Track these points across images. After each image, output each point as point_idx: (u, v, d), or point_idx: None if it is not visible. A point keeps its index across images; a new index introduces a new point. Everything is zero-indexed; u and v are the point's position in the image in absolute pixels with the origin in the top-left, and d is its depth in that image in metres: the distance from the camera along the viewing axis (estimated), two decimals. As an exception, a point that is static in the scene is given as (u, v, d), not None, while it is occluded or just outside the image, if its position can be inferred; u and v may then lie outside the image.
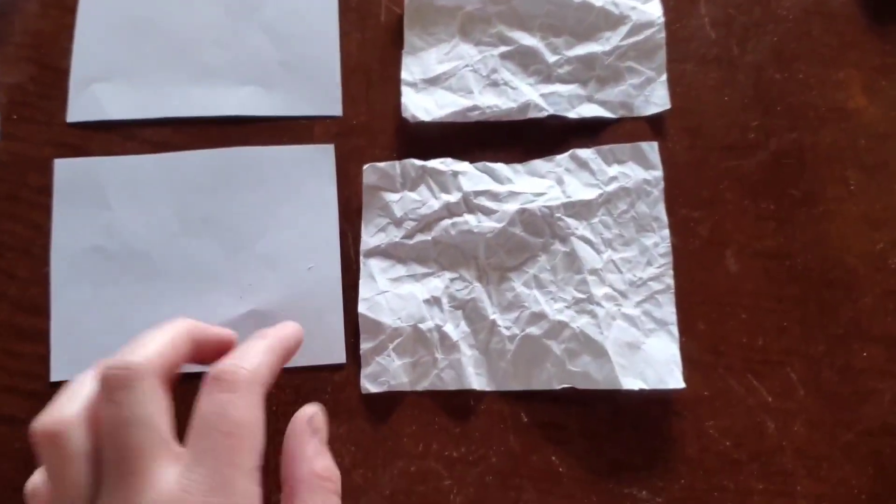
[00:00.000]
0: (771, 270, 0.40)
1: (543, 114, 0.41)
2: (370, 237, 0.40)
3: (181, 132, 0.42)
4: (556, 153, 0.41)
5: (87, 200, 0.41)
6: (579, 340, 0.38)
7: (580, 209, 0.40)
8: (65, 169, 0.41)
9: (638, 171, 0.40)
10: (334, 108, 0.42)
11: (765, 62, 0.43)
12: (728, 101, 0.43)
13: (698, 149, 0.42)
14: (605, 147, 0.41)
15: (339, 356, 0.39)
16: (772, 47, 0.43)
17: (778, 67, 0.43)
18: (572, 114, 0.42)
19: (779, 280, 0.40)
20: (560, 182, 0.40)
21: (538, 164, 0.41)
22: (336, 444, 0.38)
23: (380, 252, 0.40)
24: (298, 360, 0.39)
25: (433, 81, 0.42)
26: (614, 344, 0.37)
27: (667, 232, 0.40)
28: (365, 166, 0.40)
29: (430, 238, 0.40)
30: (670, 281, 0.39)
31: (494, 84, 0.42)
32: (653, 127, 0.42)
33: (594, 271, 0.39)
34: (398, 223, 0.40)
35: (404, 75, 0.42)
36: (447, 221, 0.40)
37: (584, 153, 0.41)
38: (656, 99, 0.42)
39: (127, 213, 0.41)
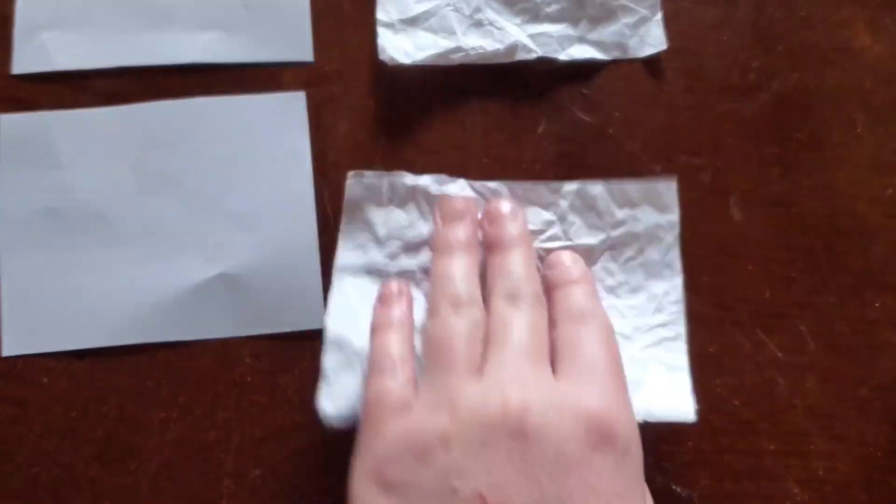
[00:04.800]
0: (777, 218, 0.38)
1: (532, 56, 0.38)
2: (348, 251, 0.35)
3: (137, 82, 0.39)
4: (545, 99, 0.38)
5: (36, 159, 0.37)
6: None
7: (581, 254, 0.35)
8: (10, 125, 0.38)
9: (650, 215, 0.35)
10: (304, 52, 0.39)
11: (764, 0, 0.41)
12: (727, 41, 0.40)
13: (697, 91, 0.39)
14: (617, 184, 0.35)
15: (317, 321, 0.36)
16: (772, -18, 0.41)
17: (778, 5, 0.41)
18: (563, 55, 0.39)
19: (786, 229, 0.38)
20: (563, 220, 0.36)
21: (541, 190, 0.36)
22: (315, 416, 0.35)
23: (357, 269, 0.35)
24: (273, 327, 0.36)
25: (412, 22, 0.39)
26: None
27: (679, 280, 0.35)
28: (350, 174, 0.35)
29: (414, 262, 0.35)
30: (681, 329, 0.34)
31: (478, 24, 0.39)
32: (649, 69, 0.39)
33: None
34: (381, 242, 0.35)
35: (380, 15, 0.39)
36: None
37: (594, 189, 0.35)
38: (652, 39, 0.39)
39: (80, 171, 0.37)
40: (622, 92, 0.39)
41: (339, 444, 0.31)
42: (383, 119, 0.39)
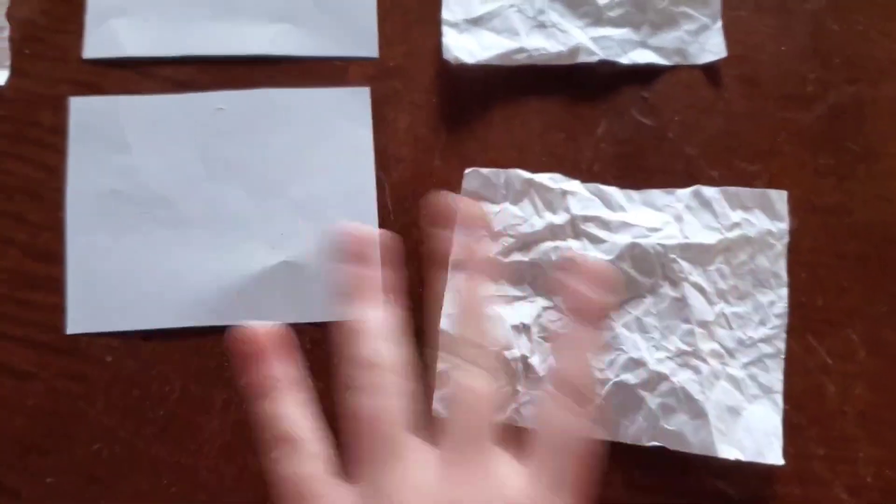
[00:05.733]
0: (831, 227, 0.38)
1: (594, 58, 0.39)
2: (462, 248, 0.35)
3: (204, 72, 0.39)
4: (605, 101, 0.39)
5: (105, 141, 0.38)
6: (678, 397, 0.34)
7: (697, 253, 0.36)
8: (81, 108, 0.38)
9: (763, 220, 0.37)
10: (370, 48, 0.40)
11: (823, 11, 0.41)
12: (785, 52, 0.41)
13: (755, 99, 0.40)
14: (732, 189, 0.37)
15: (376, 310, 0.36)
16: (830, -4, 0.41)
17: (836, 17, 0.41)
18: (624, 59, 0.39)
19: (839, 237, 0.38)
20: (678, 219, 0.36)
21: (656, 194, 0.37)
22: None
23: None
24: (332, 315, 0.36)
25: (476, 22, 0.39)
26: (715, 406, 0.34)
27: (785, 291, 0.36)
28: (467, 171, 0.36)
29: (527, 259, 0.36)
30: (782, 345, 0.35)
31: (542, 25, 0.39)
32: (708, 75, 0.40)
33: (703, 323, 0.35)
34: (494, 237, 0.36)
35: (445, 14, 0.39)
36: (549, 244, 0.36)
37: (709, 192, 0.37)
38: (712, 46, 0.40)
39: (147, 155, 0.38)
40: (681, 97, 0.39)
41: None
42: (444, 116, 0.39)
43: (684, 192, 0.37)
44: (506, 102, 0.39)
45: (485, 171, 0.36)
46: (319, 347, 0.36)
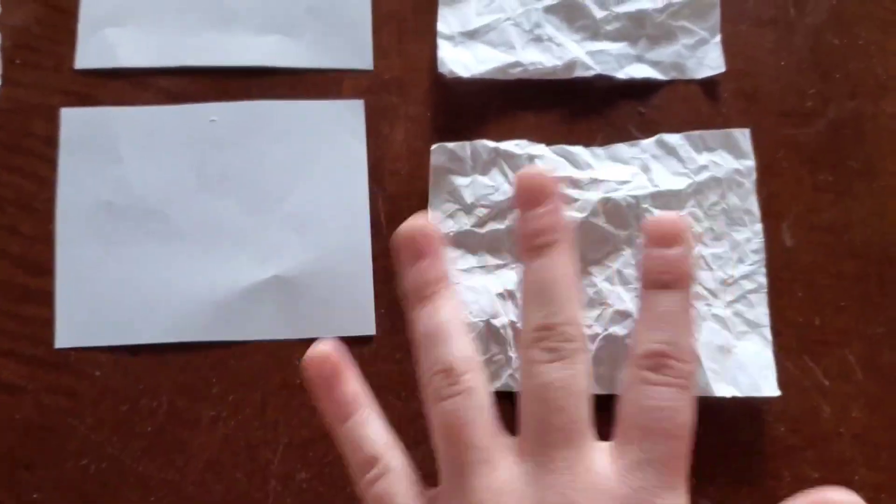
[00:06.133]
0: (829, 245, 0.38)
1: (590, 73, 0.39)
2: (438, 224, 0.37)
3: (198, 82, 0.39)
4: (601, 115, 0.39)
5: (97, 153, 0.38)
6: None
7: (669, 200, 0.36)
8: (73, 119, 0.38)
9: (728, 160, 0.37)
10: (365, 60, 0.39)
11: (823, 26, 0.41)
12: (784, 66, 0.40)
13: (753, 114, 0.39)
14: (695, 133, 0.37)
15: (368, 327, 0.36)
16: (830, 10, 0.41)
17: (837, 32, 0.41)
18: (621, 74, 0.39)
19: (837, 255, 0.38)
20: (646, 169, 0.37)
21: (621, 148, 0.38)
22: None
23: (448, 240, 0.37)
24: (324, 331, 0.36)
25: (472, 35, 0.39)
26: (705, 348, 0.35)
27: (759, 226, 0.37)
28: (433, 146, 0.37)
29: (503, 227, 0.37)
30: (763, 279, 0.36)
31: (538, 39, 0.39)
32: (706, 90, 0.39)
33: None
34: (468, 210, 0.37)
35: (441, 27, 0.39)
36: None
37: (672, 139, 0.37)
38: (710, 61, 0.39)
39: (139, 167, 0.38)
40: (679, 112, 0.39)
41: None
42: (439, 129, 0.39)
43: (649, 143, 0.38)
44: (501, 116, 0.39)
45: (450, 144, 0.37)
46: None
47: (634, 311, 0.35)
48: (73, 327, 0.36)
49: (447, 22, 0.39)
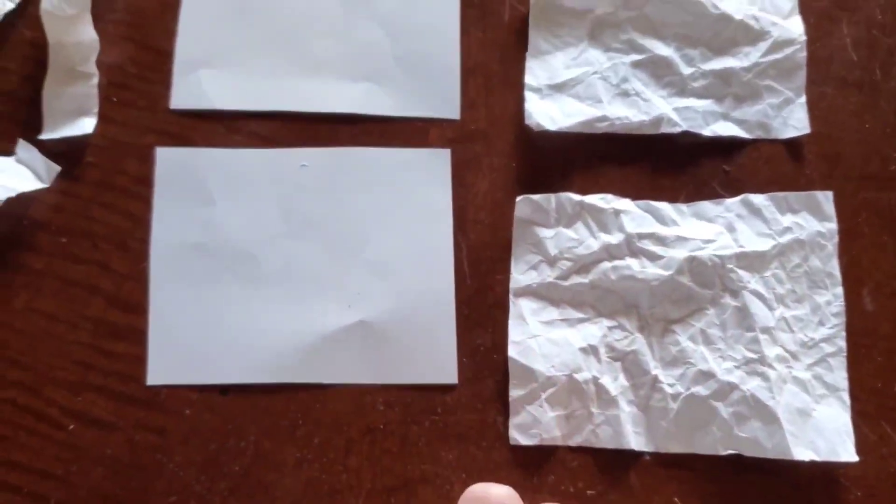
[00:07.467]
0: (910, 312, 0.38)
1: (677, 129, 0.39)
2: (520, 275, 0.37)
3: (288, 127, 0.40)
4: (686, 172, 0.39)
5: (190, 193, 0.39)
6: (749, 404, 0.35)
7: (753, 261, 0.37)
8: (167, 158, 0.39)
9: (812, 222, 0.38)
10: (452, 110, 0.40)
11: (908, 88, 0.41)
12: (869, 129, 0.40)
13: (836, 178, 0.39)
14: (780, 194, 0.38)
15: (450, 376, 0.37)
16: (916, 73, 0.41)
17: (921, 94, 0.41)
18: (707, 131, 0.39)
19: (918, 323, 0.38)
20: (731, 229, 0.38)
21: (705, 206, 0.38)
22: (445, 471, 0.36)
23: (531, 292, 0.37)
24: (407, 377, 0.37)
25: (559, 88, 0.39)
26: (785, 410, 0.35)
27: (840, 290, 0.37)
28: (519, 198, 0.38)
29: (587, 281, 0.37)
30: (842, 343, 0.36)
31: (625, 94, 0.39)
32: (790, 150, 0.40)
33: (766, 329, 0.36)
34: (552, 262, 0.37)
35: (528, 79, 0.39)
36: (607, 264, 0.37)
37: (757, 199, 0.38)
38: (795, 122, 0.40)
39: (230, 209, 0.39)
40: (762, 172, 0.39)
41: None
42: (523, 180, 0.39)
43: (733, 202, 0.38)
44: (586, 170, 0.39)
45: (536, 196, 0.38)
46: (392, 409, 0.37)
47: (718, 372, 0.36)
48: (164, 365, 0.37)
49: (534, 74, 0.40)
